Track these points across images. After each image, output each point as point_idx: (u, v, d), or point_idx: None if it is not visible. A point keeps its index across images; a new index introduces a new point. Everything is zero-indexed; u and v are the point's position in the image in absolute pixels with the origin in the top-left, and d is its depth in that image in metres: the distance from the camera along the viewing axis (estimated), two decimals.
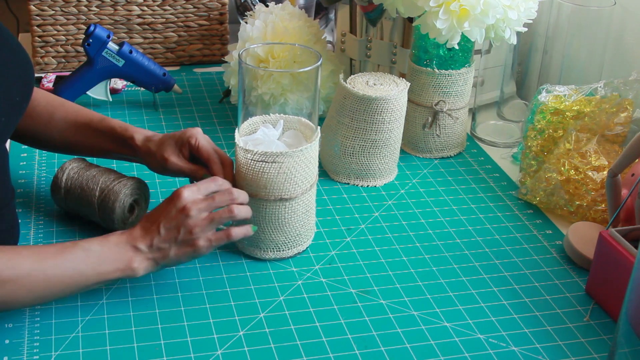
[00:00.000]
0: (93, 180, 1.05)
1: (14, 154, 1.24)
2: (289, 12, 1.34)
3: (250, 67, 1.10)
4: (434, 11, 1.13)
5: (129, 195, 1.05)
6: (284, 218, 1.01)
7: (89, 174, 1.06)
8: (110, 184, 1.04)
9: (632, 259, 0.92)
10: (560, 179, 1.13)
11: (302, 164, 0.99)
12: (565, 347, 0.91)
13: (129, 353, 0.88)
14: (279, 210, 1.01)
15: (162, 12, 1.54)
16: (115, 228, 1.04)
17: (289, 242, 1.03)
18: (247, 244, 1.04)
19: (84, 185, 1.05)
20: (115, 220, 1.03)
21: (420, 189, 1.22)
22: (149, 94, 1.47)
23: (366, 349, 0.90)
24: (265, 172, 0.98)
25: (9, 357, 0.86)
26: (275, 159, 0.98)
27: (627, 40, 1.32)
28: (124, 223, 1.05)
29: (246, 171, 1.00)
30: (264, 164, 0.98)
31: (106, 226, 1.05)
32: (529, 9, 1.19)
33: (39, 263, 0.86)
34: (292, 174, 0.99)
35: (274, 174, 0.98)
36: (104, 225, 1.05)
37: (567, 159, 1.13)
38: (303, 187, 1.01)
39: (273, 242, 1.03)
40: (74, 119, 1.10)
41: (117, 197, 1.03)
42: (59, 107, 1.11)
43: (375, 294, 0.99)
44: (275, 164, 0.98)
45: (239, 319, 0.93)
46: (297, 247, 1.04)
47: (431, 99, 1.27)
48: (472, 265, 1.05)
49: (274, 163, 0.98)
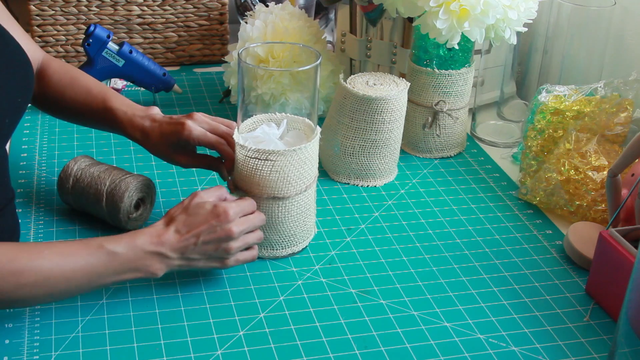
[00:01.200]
0: (105, 172, 1.07)
1: (14, 154, 1.25)
2: (289, 12, 1.34)
3: (250, 67, 1.10)
4: (434, 11, 1.13)
5: (139, 190, 1.06)
6: (277, 217, 1.01)
7: (101, 167, 1.08)
8: (123, 176, 1.06)
9: (632, 259, 0.92)
10: (560, 179, 1.13)
11: (297, 164, 0.99)
12: (565, 347, 0.91)
13: (129, 353, 0.88)
14: (272, 209, 1.01)
15: (162, 12, 1.54)
16: (119, 219, 1.04)
17: (283, 241, 1.03)
18: None
19: (95, 174, 1.07)
20: (121, 210, 1.04)
21: (420, 189, 1.22)
22: (149, 94, 1.47)
23: (366, 349, 0.90)
24: (258, 170, 0.98)
25: (9, 357, 0.86)
26: (269, 157, 0.98)
27: (627, 40, 1.32)
28: (128, 217, 1.05)
29: (241, 167, 1.00)
30: (257, 161, 0.98)
31: (109, 217, 1.05)
32: (529, 9, 1.19)
33: (60, 266, 0.85)
34: (286, 173, 0.99)
35: (267, 172, 0.98)
36: (107, 217, 1.06)
37: (567, 159, 1.13)
38: (298, 188, 1.01)
39: (267, 240, 1.03)
40: (82, 104, 1.10)
41: (127, 187, 1.04)
42: (68, 86, 1.11)
43: (375, 294, 0.99)
44: (268, 162, 0.98)
45: (239, 319, 0.93)
46: (291, 247, 1.04)
47: (431, 99, 1.27)
48: (472, 265, 1.05)
49: (266, 161, 0.98)
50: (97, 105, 1.09)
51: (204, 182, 1.20)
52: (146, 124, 1.06)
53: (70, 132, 1.32)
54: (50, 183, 1.18)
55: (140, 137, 1.07)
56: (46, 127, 1.33)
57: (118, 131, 1.09)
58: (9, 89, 0.92)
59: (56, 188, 1.14)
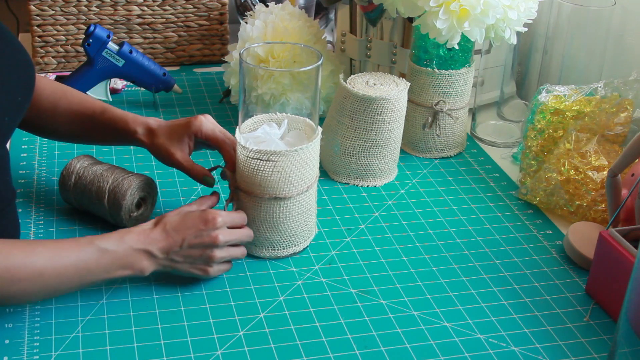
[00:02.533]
0: (108, 170, 1.07)
1: (14, 154, 1.24)
2: (289, 12, 1.34)
3: (251, 66, 1.10)
4: (434, 11, 1.13)
5: (141, 189, 1.06)
6: (279, 218, 1.01)
7: (103, 166, 1.09)
8: (125, 175, 1.06)
9: (632, 259, 0.92)
10: (560, 179, 1.13)
11: (298, 164, 0.99)
12: (565, 347, 0.91)
13: (129, 353, 0.88)
14: (273, 210, 1.01)
15: (162, 12, 1.54)
16: (121, 217, 1.05)
17: (285, 241, 1.03)
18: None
19: (98, 172, 1.07)
20: (123, 208, 1.04)
21: (420, 189, 1.22)
22: (149, 94, 1.47)
23: (366, 349, 0.90)
24: (259, 170, 0.98)
25: (9, 357, 0.86)
26: (270, 158, 0.98)
27: (627, 40, 1.32)
28: (129, 215, 1.05)
29: (242, 168, 1.00)
30: (259, 162, 0.98)
31: (110, 215, 1.05)
32: (529, 9, 1.19)
33: (53, 262, 0.86)
34: (287, 173, 0.99)
35: (269, 173, 0.98)
36: (108, 215, 1.06)
37: (567, 159, 1.13)
38: (299, 188, 1.01)
39: (268, 240, 1.03)
40: (77, 110, 1.09)
41: (130, 185, 1.05)
42: (62, 97, 1.10)
43: (375, 294, 0.99)
44: (270, 163, 0.98)
45: (239, 319, 0.93)
46: (293, 247, 1.04)
47: (431, 99, 1.27)
48: (472, 265, 1.05)
49: (268, 161, 0.98)
50: (94, 110, 1.09)
51: None
52: (150, 121, 1.07)
53: None
54: (51, 183, 1.18)
55: (142, 131, 1.06)
56: None
57: (117, 131, 1.07)
58: (9, 87, 0.92)
59: (56, 187, 1.14)
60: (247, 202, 1.01)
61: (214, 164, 1.25)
